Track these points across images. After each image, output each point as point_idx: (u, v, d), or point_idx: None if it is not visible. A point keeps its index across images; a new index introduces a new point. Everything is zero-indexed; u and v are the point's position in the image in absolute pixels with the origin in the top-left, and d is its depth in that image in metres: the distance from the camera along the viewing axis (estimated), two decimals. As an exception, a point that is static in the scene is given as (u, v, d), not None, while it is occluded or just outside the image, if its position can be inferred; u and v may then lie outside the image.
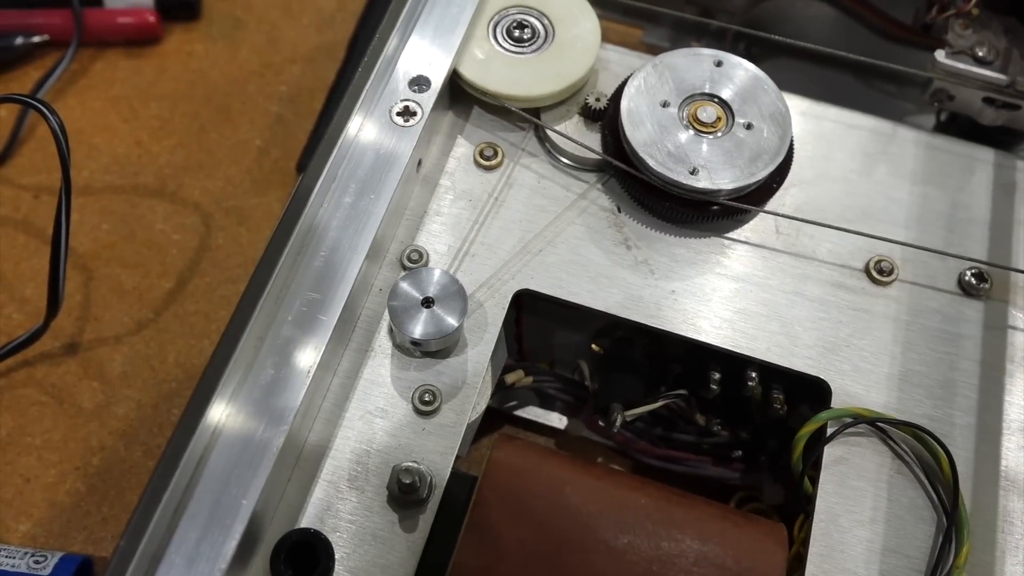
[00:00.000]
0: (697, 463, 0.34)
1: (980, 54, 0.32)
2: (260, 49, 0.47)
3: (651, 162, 0.30)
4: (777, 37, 0.38)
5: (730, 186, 0.30)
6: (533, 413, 0.37)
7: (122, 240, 0.41)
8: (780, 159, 0.30)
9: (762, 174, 0.30)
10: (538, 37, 0.33)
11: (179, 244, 0.41)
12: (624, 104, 0.31)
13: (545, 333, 0.34)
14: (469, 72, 0.32)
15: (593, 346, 0.33)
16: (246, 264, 0.40)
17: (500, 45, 0.33)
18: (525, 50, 0.32)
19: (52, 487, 0.35)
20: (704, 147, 0.30)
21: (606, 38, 0.38)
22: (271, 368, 0.26)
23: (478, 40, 0.33)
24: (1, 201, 0.42)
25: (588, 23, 0.33)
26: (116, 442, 0.36)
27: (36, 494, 0.35)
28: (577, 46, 0.32)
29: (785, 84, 0.33)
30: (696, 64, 0.32)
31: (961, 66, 0.33)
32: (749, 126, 0.31)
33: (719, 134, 0.31)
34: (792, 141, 0.31)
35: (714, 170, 0.30)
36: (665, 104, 0.31)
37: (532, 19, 0.33)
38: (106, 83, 0.45)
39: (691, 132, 0.31)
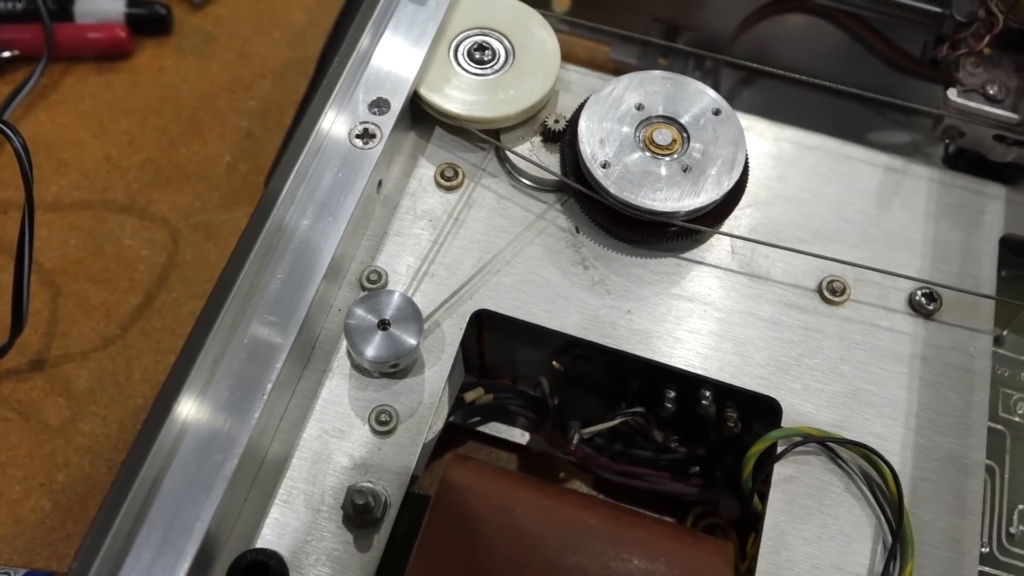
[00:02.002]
0: (656, 478, 0.34)
1: (991, 92, 0.33)
2: (230, 64, 0.47)
3: (607, 184, 0.30)
4: (741, 60, 0.39)
5: (685, 208, 0.30)
6: (496, 429, 0.37)
7: (90, 256, 0.41)
8: (734, 181, 0.31)
9: (716, 196, 0.30)
10: (498, 59, 0.33)
11: (147, 260, 0.41)
12: (582, 126, 0.31)
13: (507, 351, 0.35)
14: (430, 94, 0.32)
15: (554, 363, 0.34)
16: (213, 280, 0.40)
17: (461, 67, 0.33)
18: (486, 72, 0.33)
19: (17, 503, 0.35)
20: (660, 169, 0.31)
21: (575, 55, 0.38)
22: (226, 390, 0.26)
23: (439, 61, 0.33)
24: (-32, 217, 0.42)
25: (548, 46, 0.33)
26: (81, 458, 0.36)
27: (1, 511, 0.35)
28: (537, 69, 0.33)
29: (764, 105, 0.33)
30: (652, 87, 0.32)
31: (973, 104, 0.33)
32: (704, 149, 0.31)
33: (675, 156, 0.31)
34: (747, 163, 0.32)
35: (670, 192, 0.30)
36: (622, 126, 0.31)
37: (493, 41, 0.34)
38: (76, 98, 0.45)
39: (647, 154, 0.31)
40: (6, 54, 0.45)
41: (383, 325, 0.28)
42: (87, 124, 0.45)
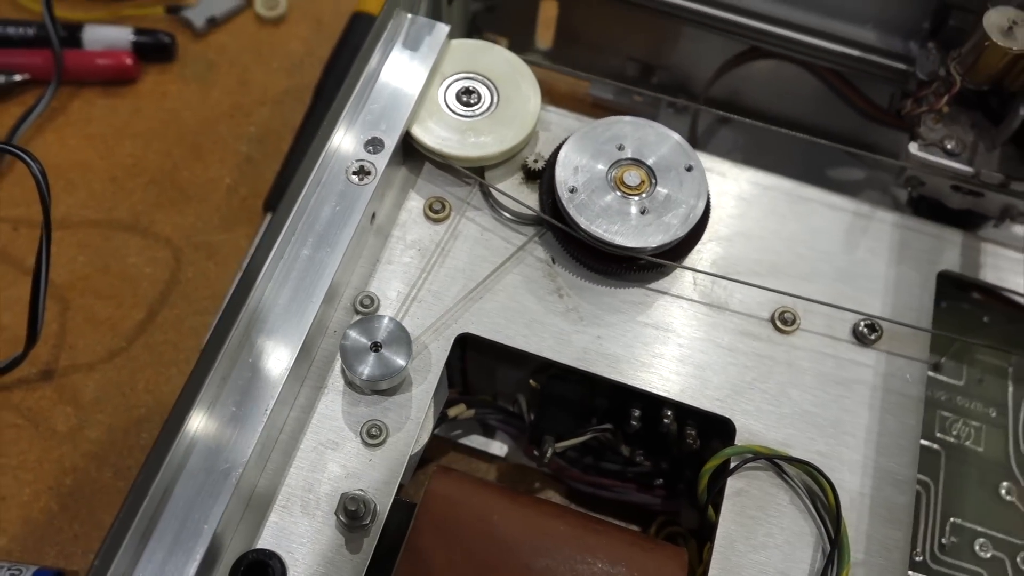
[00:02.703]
0: (623, 489, 0.37)
1: (949, 147, 0.36)
2: (231, 91, 0.49)
3: (581, 220, 0.33)
4: (712, 109, 0.42)
5: (651, 244, 0.33)
6: (477, 442, 0.40)
7: (97, 272, 0.43)
8: (696, 220, 0.34)
9: (680, 233, 0.33)
10: (484, 102, 0.36)
11: (150, 277, 0.43)
12: (559, 167, 0.34)
13: (488, 370, 0.38)
14: (420, 134, 0.35)
15: (531, 382, 0.37)
16: (214, 297, 0.43)
17: (449, 108, 0.36)
18: (472, 114, 0.36)
19: (27, 505, 0.37)
20: (629, 208, 0.34)
21: (556, 88, 0.41)
22: (233, 406, 0.29)
23: (430, 103, 0.36)
24: (-19, 232, 0.44)
25: (530, 92, 0.36)
26: (88, 463, 0.39)
27: (12, 511, 0.37)
28: (519, 112, 0.36)
29: (737, 145, 0.36)
30: (623, 131, 0.35)
31: (932, 158, 0.36)
32: (669, 190, 0.34)
33: (643, 196, 0.34)
34: (708, 202, 0.35)
35: (638, 229, 0.33)
36: (595, 167, 0.34)
37: (479, 85, 0.36)
38: (83, 121, 0.48)
39: (618, 194, 0.34)
40: (17, 77, 0.47)
41: (375, 347, 0.31)
42: (94, 146, 0.47)
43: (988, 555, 0.35)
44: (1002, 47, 0.32)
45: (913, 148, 0.35)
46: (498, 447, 0.40)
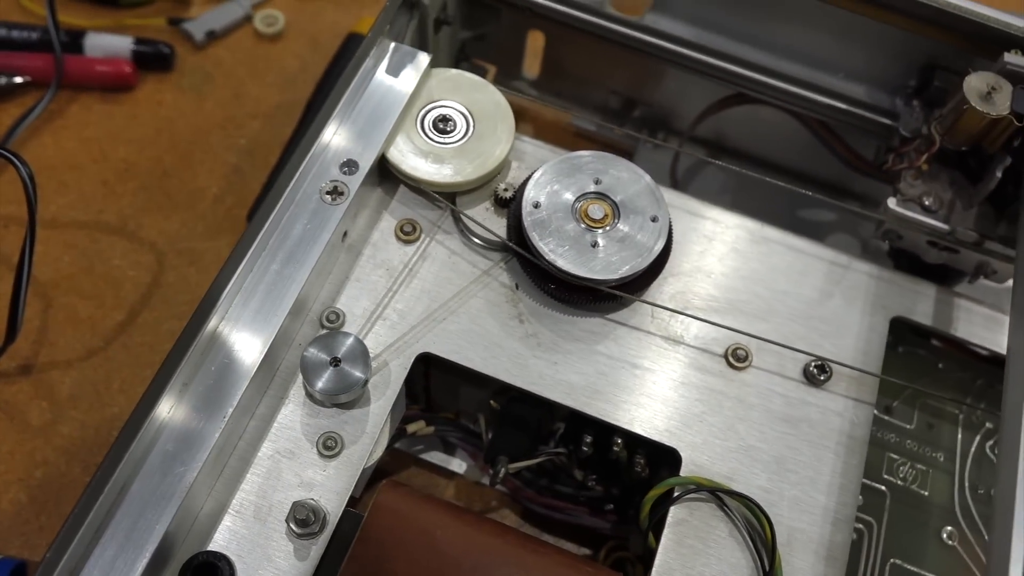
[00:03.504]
0: (575, 512, 0.38)
1: (927, 203, 0.37)
2: (225, 103, 0.51)
3: (545, 250, 0.35)
4: (691, 152, 0.44)
5: (612, 276, 0.34)
6: (437, 458, 0.41)
7: (81, 272, 0.45)
8: (655, 256, 0.35)
9: (640, 268, 0.35)
10: (459, 131, 0.37)
11: (133, 280, 0.45)
12: (526, 197, 0.35)
13: (450, 389, 0.39)
14: (395, 158, 0.36)
15: (492, 403, 0.38)
16: (193, 302, 0.44)
17: (425, 135, 0.37)
18: (446, 142, 0.37)
19: (-5, 496, 0.39)
20: (593, 240, 0.35)
21: (541, 116, 0.42)
22: (193, 410, 0.30)
23: (406, 129, 0.37)
24: (-28, 228, 0.46)
25: (503, 136, 0.37)
26: (59, 458, 0.40)
27: (-20, 501, 0.38)
28: (492, 142, 0.37)
29: (716, 185, 0.36)
30: (590, 166, 0.37)
31: (909, 214, 0.37)
32: (631, 225, 0.35)
33: (606, 229, 0.35)
34: (670, 238, 0.36)
35: (599, 261, 0.34)
36: (561, 200, 0.36)
37: (455, 114, 0.38)
38: (80, 125, 0.49)
39: (582, 226, 0.35)
40: (18, 79, 0.49)
41: (335, 362, 0.32)
42: (88, 150, 0.48)
43: (925, 597, 0.36)
44: (980, 111, 0.34)
45: (892, 203, 0.36)
46: (457, 464, 0.41)
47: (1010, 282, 0.37)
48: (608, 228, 0.35)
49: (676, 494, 0.32)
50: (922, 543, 0.37)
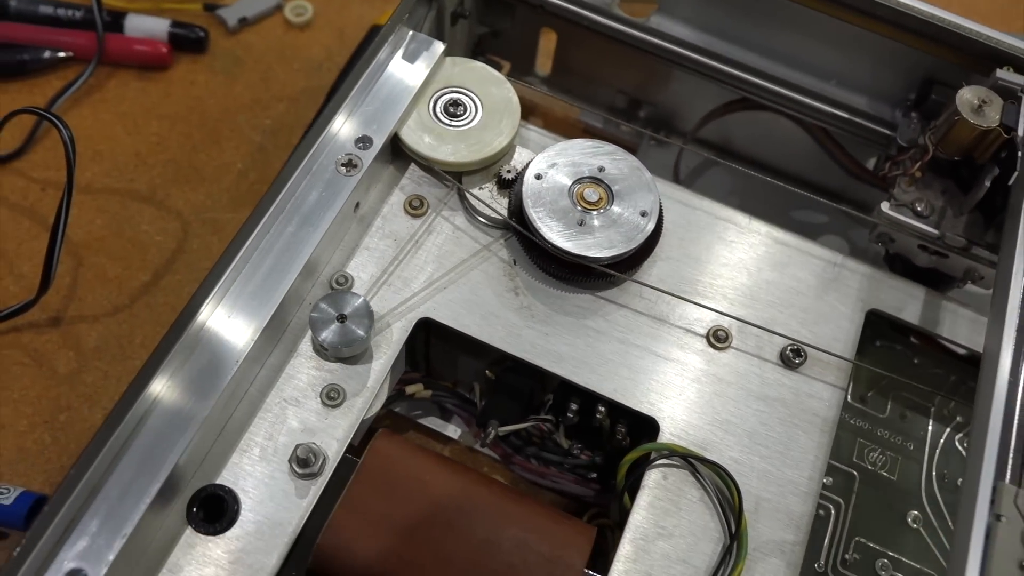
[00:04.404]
0: (560, 479, 0.40)
1: (919, 208, 0.39)
2: (253, 86, 0.54)
3: (542, 229, 0.37)
4: (695, 149, 0.46)
5: (603, 255, 0.37)
6: (434, 423, 0.43)
7: (111, 235, 0.48)
8: (645, 238, 0.37)
9: (630, 248, 0.37)
10: (468, 114, 0.40)
11: (159, 245, 0.48)
12: (527, 179, 0.38)
13: (450, 357, 0.41)
14: (407, 137, 0.39)
15: (487, 372, 0.40)
16: (213, 268, 0.47)
17: (436, 117, 0.40)
18: (456, 124, 0.40)
19: (22, 435, 0.41)
20: (587, 221, 0.37)
21: (551, 112, 0.44)
22: (209, 354, 0.32)
23: (420, 110, 0.40)
24: (13, 190, 0.49)
25: (510, 118, 0.40)
26: (82, 404, 0.43)
27: (8, 439, 0.41)
28: (494, 133, 0.39)
29: (715, 182, 0.38)
30: (589, 152, 0.39)
31: (901, 218, 0.39)
32: (624, 208, 0.38)
33: (600, 211, 0.38)
34: (660, 223, 0.38)
35: (592, 241, 0.37)
36: (560, 179, 0.38)
37: (466, 99, 0.40)
38: (117, 99, 0.52)
39: (578, 208, 0.38)
40: (62, 54, 0.52)
41: (341, 319, 0.34)
42: (123, 123, 0.52)
43: (886, 575, 0.37)
44: (971, 123, 0.36)
45: (885, 207, 0.39)
46: (452, 430, 0.43)
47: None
48: (602, 211, 0.38)
49: (652, 459, 0.35)
50: (888, 525, 0.38)
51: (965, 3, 0.55)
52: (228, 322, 0.33)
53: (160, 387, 0.31)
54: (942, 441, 0.41)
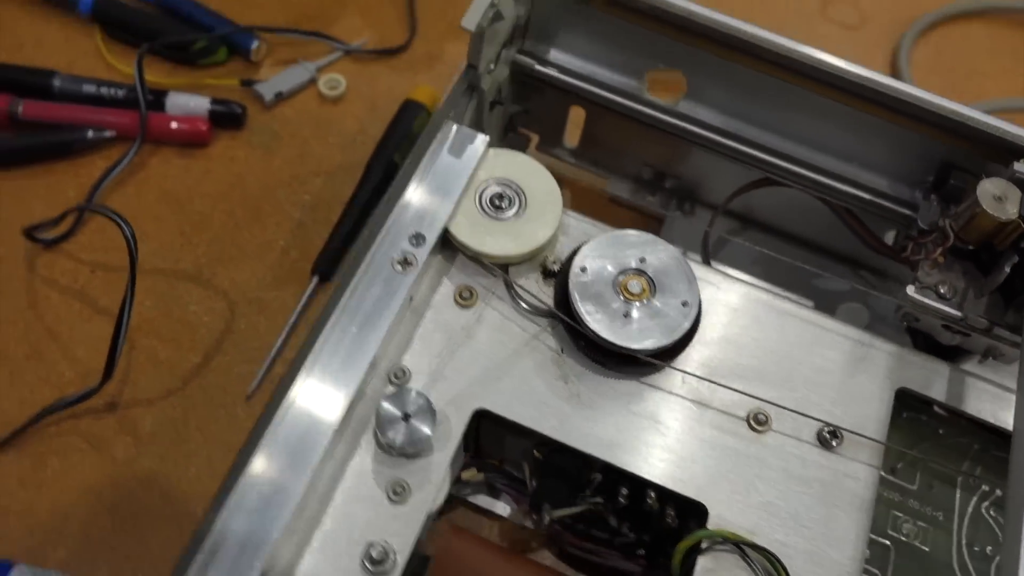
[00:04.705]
0: (609, 555, 0.42)
1: (942, 291, 0.41)
2: (291, 161, 0.56)
3: (589, 321, 0.39)
4: (719, 234, 0.48)
5: (648, 347, 0.39)
6: (483, 501, 0.45)
7: (161, 316, 0.49)
8: (687, 328, 0.39)
9: (672, 340, 0.39)
10: (513, 207, 0.42)
11: (207, 325, 0.49)
12: (573, 272, 0.40)
13: (498, 438, 0.43)
14: (457, 232, 0.41)
15: (535, 452, 0.42)
16: (262, 348, 0.49)
17: (483, 209, 0.42)
18: (501, 217, 0.42)
19: (86, 523, 0.43)
20: (631, 312, 0.39)
21: (578, 182, 0.45)
22: (285, 456, 0.34)
23: (466, 204, 0.42)
24: (63, 272, 0.50)
25: (552, 202, 0.42)
26: (141, 489, 0.44)
27: (72, 527, 0.43)
28: (542, 219, 0.41)
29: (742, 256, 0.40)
30: (630, 243, 0.41)
31: (926, 301, 0.41)
32: (666, 299, 0.40)
33: (643, 302, 0.40)
34: (699, 317, 0.40)
35: (637, 331, 0.39)
36: (605, 272, 0.40)
37: (510, 191, 0.42)
38: (160, 178, 0.54)
39: (621, 299, 0.40)
40: (107, 134, 0.54)
41: (405, 417, 0.36)
42: (167, 202, 0.53)
43: (925, 645, 0.39)
44: (992, 215, 0.38)
45: (910, 291, 0.41)
46: (501, 507, 0.45)
47: (1016, 364, 0.42)
48: (645, 302, 0.40)
49: (704, 545, 0.37)
50: (922, 594, 0.40)
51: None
52: (303, 421, 0.35)
53: (243, 490, 0.33)
54: (970, 510, 0.43)
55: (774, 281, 0.52)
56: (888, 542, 0.41)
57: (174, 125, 0.54)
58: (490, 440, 0.43)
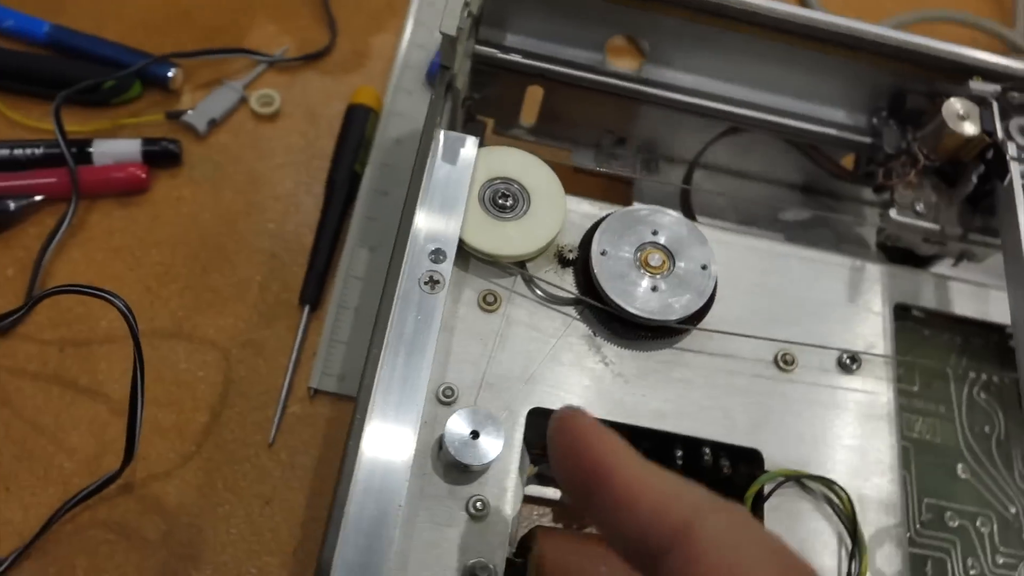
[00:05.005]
0: (664, 514, 0.44)
1: (919, 209, 0.44)
2: (242, 190, 0.53)
3: (616, 299, 0.40)
4: (685, 185, 0.49)
5: (682, 315, 0.40)
6: (532, 490, 0.46)
7: (151, 382, 0.46)
8: (712, 289, 0.41)
9: (701, 303, 0.40)
10: (519, 203, 0.42)
11: (205, 380, 0.46)
12: (594, 258, 0.40)
13: (542, 428, 0.43)
14: (470, 239, 0.40)
15: (578, 434, 0.43)
16: (268, 391, 0.47)
17: (489, 211, 0.41)
18: (509, 215, 0.41)
19: (136, 613, 0.40)
20: (659, 285, 0.40)
21: (539, 156, 0.46)
22: (372, 505, 0.33)
23: (472, 208, 0.41)
24: (29, 357, 0.46)
25: (555, 191, 0.42)
26: (185, 565, 0.42)
27: (124, 622, 0.40)
28: (549, 210, 0.41)
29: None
30: (639, 218, 0.42)
31: (908, 221, 0.45)
32: (687, 265, 0.41)
33: (665, 274, 0.41)
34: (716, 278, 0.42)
35: (669, 302, 0.40)
36: (623, 256, 0.41)
37: (511, 188, 0.42)
38: (105, 234, 0.50)
39: (644, 273, 0.41)
40: (37, 198, 0.49)
41: (474, 435, 0.36)
42: (121, 259, 0.49)
43: (956, 524, 0.44)
44: (959, 134, 0.41)
45: (893, 214, 0.44)
46: (552, 492, 0.46)
47: (988, 261, 0.46)
48: (666, 273, 0.41)
49: (768, 488, 0.39)
50: (945, 482, 0.45)
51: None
52: (381, 466, 0.34)
53: (340, 546, 0.32)
54: (964, 398, 0.47)
55: (746, 223, 0.55)
56: (908, 443, 0.45)
57: (108, 176, 0.50)
58: (540, 434, 0.44)
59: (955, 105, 0.42)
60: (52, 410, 0.45)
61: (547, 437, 0.29)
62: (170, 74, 0.54)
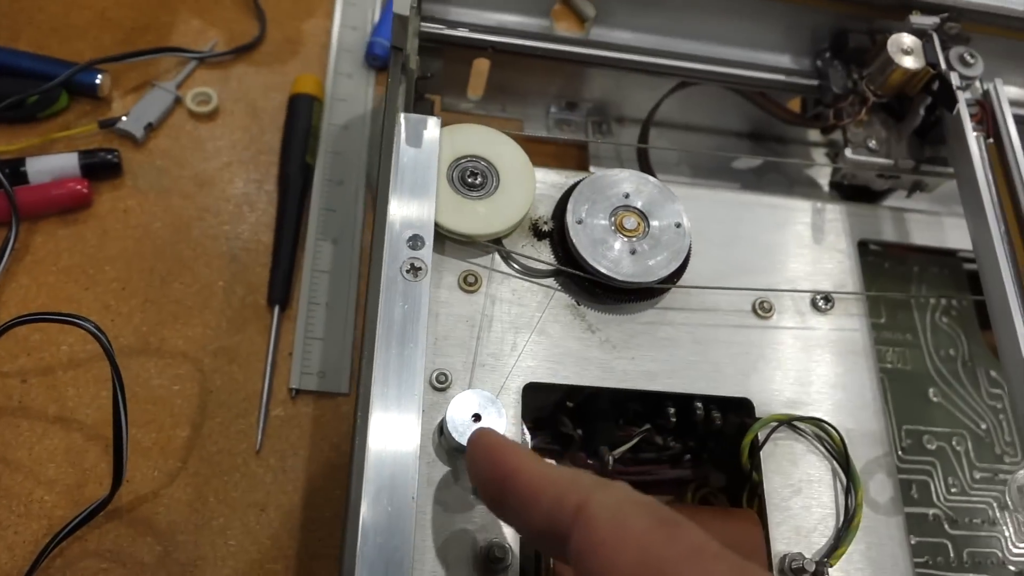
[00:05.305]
0: (659, 471, 0.45)
1: (871, 146, 0.45)
2: (190, 194, 0.51)
3: (597, 266, 0.40)
4: (644, 144, 0.50)
5: (664, 274, 0.40)
6: (529, 463, 0.46)
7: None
8: (688, 246, 0.41)
9: (680, 262, 0.41)
10: (488, 181, 0.41)
11: (181, 394, 0.45)
12: (570, 227, 0.40)
13: (541, 402, 0.43)
14: (445, 222, 0.40)
15: (568, 403, 0.43)
16: (248, 398, 0.45)
17: (460, 192, 0.41)
18: (480, 193, 0.41)
19: (145, 640, 0.39)
20: (633, 247, 0.41)
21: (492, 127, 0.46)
22: (386, 501, 0.33)
23: (443, 190, 0.40)
24: (-11, 393, 0.44)
25: (523, 165, 0.41)
26: (186, 584, 0.41)
27: (133, 650, 0.39)
28: (519, 184, 0.41)
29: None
30: (609, 183, 0.42)
31: (864, 159, 0.46)
32: (660, 228, 0.41)
33: (641, 236, 0.41)
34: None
35: (649, 264, 0.40)
36: (599, 223, 0.41)
37: (479, 165, 0.41)
38: (52, 255, 0.47)
39: (621, 237, 0.41)
40: (-30, 227, 0.46)
41: (476, 418, 0.36)
42: (74, 278, 0.47)
43: (933, 446, 0.46)
44: (906, 68, 0.42)
45: (848, 153, 0.45)
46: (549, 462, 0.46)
47: (939, 189, 0.48)
48: (642, 235, 0.41)
49: (762, 435, 0.40)
50: (920, 407, 0.47)
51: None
52: (388, 464, 0.34)
53: (359, 538, 0.32)
54: (928, 324, 0.49)
55: (701, 176, 0.55)
56: (882, 375, 0.47)
57: (48, 194, 0.47)
58: (537, 407, 0.44)
59: (899, 40, 0.43)
60: (24, 444, 0.43)
61: (466, 455, 0.33)
62: (97, 81, 0.51)
